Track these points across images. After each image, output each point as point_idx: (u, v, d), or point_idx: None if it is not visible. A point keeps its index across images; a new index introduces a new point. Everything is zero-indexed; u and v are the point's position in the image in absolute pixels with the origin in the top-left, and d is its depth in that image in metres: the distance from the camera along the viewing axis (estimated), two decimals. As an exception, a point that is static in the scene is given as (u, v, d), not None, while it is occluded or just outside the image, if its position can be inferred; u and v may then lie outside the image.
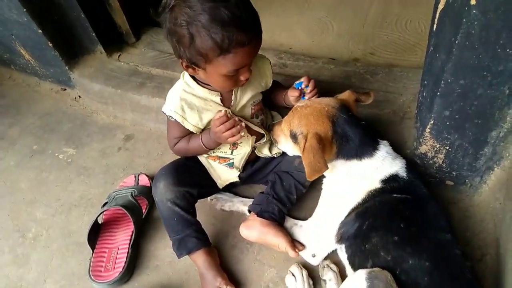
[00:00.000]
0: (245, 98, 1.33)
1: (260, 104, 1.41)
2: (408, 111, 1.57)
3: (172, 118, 1.27)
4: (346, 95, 1.28)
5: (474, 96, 1.09)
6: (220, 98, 1.28)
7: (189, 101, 1.27)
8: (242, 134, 1.23)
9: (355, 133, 1.18)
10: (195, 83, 1.26)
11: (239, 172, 1.45)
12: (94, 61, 2.12)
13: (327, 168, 1.12)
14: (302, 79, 1.33)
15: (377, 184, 1.20)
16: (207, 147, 1.31)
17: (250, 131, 1.36)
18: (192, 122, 1.28)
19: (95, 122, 2.05)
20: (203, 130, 1.33)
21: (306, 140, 1.16)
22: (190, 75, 1.27)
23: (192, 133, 1.33)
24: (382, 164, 1.20)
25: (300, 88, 1.34)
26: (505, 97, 1.06)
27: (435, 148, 1.31)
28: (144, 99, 1.90)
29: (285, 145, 1.34)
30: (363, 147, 1.19)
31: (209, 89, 1.27)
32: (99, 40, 2.07)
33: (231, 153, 1.41)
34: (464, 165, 1.32)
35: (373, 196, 1.19)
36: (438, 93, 1.14)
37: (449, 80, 1.09)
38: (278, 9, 2.49)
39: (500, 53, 0.97)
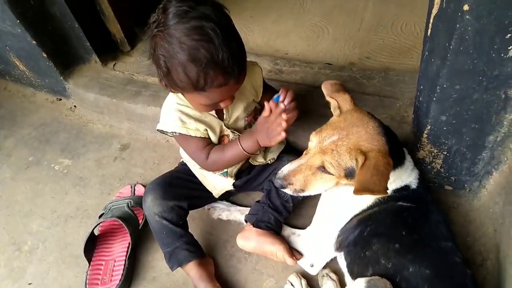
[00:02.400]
0: (238, 110, 1.32)
1: (254, 112, 1.40)
2: (405, 115, 1.56)
3: (176, 133, 1.24)
4: (345, 99, 1.16)
5: (470, 101, 1.08)
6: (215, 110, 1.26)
7: (185, 112, 1.24)
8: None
9: (395, 142, 1.12)
10: None
11: (234, 180, 1.43)
12: (89, 71, 2.11)
13: (386, 193, 0.99)
14: (280, 92, 1.23)
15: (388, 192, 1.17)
16: (250, 152, 1.24)
17: None
18: (194, 128, 1.25)
19: (91, 132, 2.04)
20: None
21: (365, 160, 1.01)
22: None
23: (210, 141, 1.29)
24: (405, 173, 1.18)
25: (278, 102, 1.25)
26: (501, 101, 1.05)
27: (433, 154, 1.30)
28: (140, 107, 1.89)
29: (325, 188, 1.14)
30: (399, 156, 1.15)
31: None
32: (94, 49, 2.05)
33: None
34: (462, 170, 1.31)
35: (380, 203, 1.17)
36: (434, 98, 1.13)
37: (444, 85, 1.08)
38: (273, 14, 2.49)
39: (495, 57, 0.96)
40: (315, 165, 1.09)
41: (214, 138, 1.30)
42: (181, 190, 1.39)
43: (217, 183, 1.45)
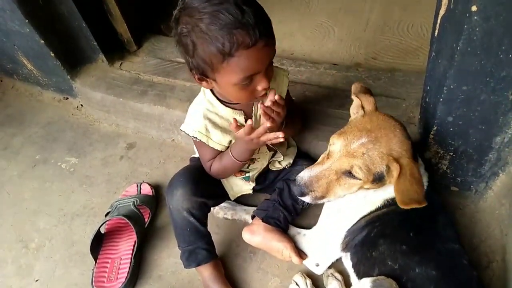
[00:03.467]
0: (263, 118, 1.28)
1: None
2: (411, 116, 1.55)
3: (196, 139, 1.22)
4: (370, 101, 1.14)
5: (477, 102, 1.08)
6: (244, 117, 1.22)
7: (213, 120, 1.21)
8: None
9: (414, 146, 1.09)
10: (218, 101, 1.20)
11: (254, 185, 1.43)
12: (96, 70, 2.12)
13: (425, 202, 0.97)
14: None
15: None
16: (241, 160, 1.22)
17: (268, 147, 1.32)
18: (216, 140, 1.23)
19: (98, 131, 2.05)
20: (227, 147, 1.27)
21: (400, 168, 0.99)
22: (212, 93, 1.21)
23: (220, 152, 1.27)
24: None
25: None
26: (508, 102, 1.05)
27: (439, 154, 1.30)
28: (146, 107, 1.90)
29: (346, 193, 1.11)
30: (415, 158, 1.11)
31: (232, 108, 1.21)
32: (101, 48, 2.07)
33: (248, 167, 1.38)
34: (468, 171, 1.30)
35: (388, 205, 1.15)
36: (441, 99, 1.13)
37: (451, 86, 1.08)
38: (279, 15, 2.49)
39: (503, 58, 0.96)
40: (342, 170, 1.04)
41: None
42: (209, 187, 1.34)
43: (237, 186, 1.44)
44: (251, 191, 1.44)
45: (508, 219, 1.21)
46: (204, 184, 1.30)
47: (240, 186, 1.44)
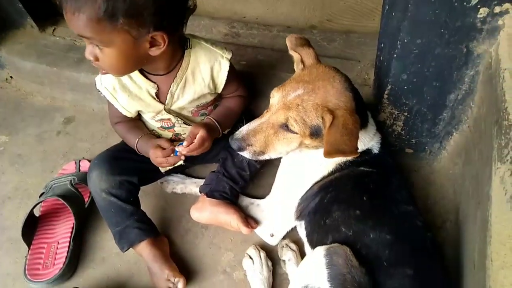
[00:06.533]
0: (184, 100, 1.20)
1: (206, 105, 1.29)
2: (366, 78, 1.50)
3: (101, 93, 1.18)
4: (309, 53, 1.09)
5: (431, 56, 1.02)
6: (156, 92, 1.17)
7: (123, 82, 1.16)
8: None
9: (361, 101, 1.05)
10: None
11: None
12: (24, 37, 1.89)
13: (357, 153, 0.94)
14: (184, 142, 1.13)
15: (349, 157, 1.10)
16: (139, 152, 1.24)
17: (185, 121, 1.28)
18: (122, 104, 1.19)
19: (31, 105, 1.85)
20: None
21: (333, 119, 0.94)
22: None
23: (130, 117, 1.24)
24: (368, 136, 1.11)
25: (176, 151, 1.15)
26: (462, 56, 1.00)
27: (394, 115, 1.25)
28: (84, 76, 1.72)
29: (287, 150, 1.08)
30: (363, 117, 1.06)
31: (146, 78, 1.15)
32: (29, 12, 1.83)
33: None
34: (423, 132, 1.27)
35: (341, 169, 1.11)
36: (395, 55, 1.06)
37: (405, 40, 1.01)
38: (230, -24, 2.32)
39: (457, 7, 0.90)
40: (278, 123, 1.01)
41: (148, 115, 1.25)
42: (130, 163, 1.27)
43: None
44: (182, 162, 1.32)
45: (461, 178, 1.19)
46: (124, 161, 1.26)
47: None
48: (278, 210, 1.25)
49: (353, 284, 0.89)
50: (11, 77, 1.94)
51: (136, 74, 1.14)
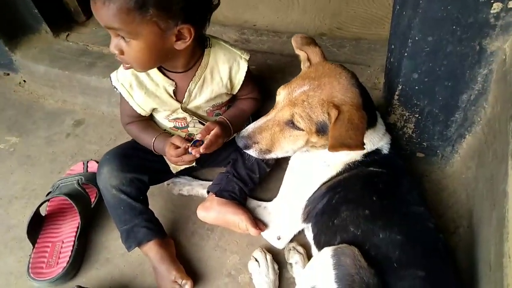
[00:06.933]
0: (200, 99, 1.21)
1: (221, 105, 1.29)
2: (376, 82, 1.48)
3: (116, 90, 1.17)
4: (315, 51, 1.08)
5: (443, 55, 1.01)
6: (174, 90, 1.16)
7: (140, 79, 1.15)
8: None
9: (369, 99, 1.04)
10: None
11: None
12: (38, 42, 1.93)
13: (363, 148, 0.93)
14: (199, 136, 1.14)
15: (358, 157, 1.08)
16: (156, 151, 1.22)
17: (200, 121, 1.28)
18: (137, 101, 1.17)
19: (42, 108, 1.87)
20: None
21: (338, 114, 0.93)
22: None
23: (142, 117, 1.23)
24: (377, 136, 1.09)
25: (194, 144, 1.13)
26: (475, 54, 0.99)
27: (404, 117, 1.22)
28: (95, 80, 1.74)
29: (293, 148, 1.06)
30: (371, 115, 1.05)
31: (164, 75, 1.15)
32: (44, 18, 1.88)
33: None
34: (434, 134, 1.24)
35: (350, 169, 1.08)
36: (406, 54, 1.05)
37: (416, 38, 1.00)
38: (241, -14, 2.36)
39: (469, 2, 0.89)
40: (284, 120, 1.00)
41: (163, 114, 1.24)
42: (141, 162, 1.26)
43: None
44: (194, 164, 1.31)
45: (474, 182, 1.16)
46: (135, 159, 1.24)
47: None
48: (286, 213, 1.22)
49: (361, 286, 0.86)
50: (24, 81, 1.97)
51: (154, 71, 1.14)
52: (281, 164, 1.38)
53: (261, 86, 1.54)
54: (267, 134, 1.03)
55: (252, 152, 1.05)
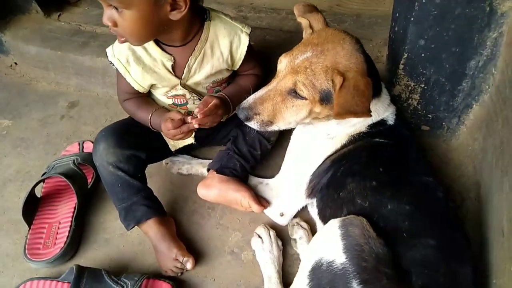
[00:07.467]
0: (200, 75, 1.17)
1: (221, 82, 1.25)
2: (379, 55, 1.45)
3: (113, 65, 1.13)
4: (317, 18, 1.04)
5: (451, 18, 0.97)
6: (172, 65, 1.13)
7: (138, 54, 1.11)
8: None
9: (373, 66, 0.99)
10: None
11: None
12: (29, 22, 1.87)
13: (370, 114, 0.89)
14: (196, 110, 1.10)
15: (363, 128, 1.04)
16: (153, 127, 1.19)
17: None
18: (134, 77, 1.13)
19: (35, 90, 1.82)
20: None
21: (343, 80, 0.89)
22: None
23: (140, 93, 1.19)
24: (382, 106, 1.05)
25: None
26: (485, 16, 0.95)
27: (410, 88, 1.19)
28: (88, 59, 1.69)
29: (296, 119, 1.01)
30: (376, 84, 1.00)
31: (163, 50, 1.11)
32: (34, -3, 1.82)
33: None
34: (440, 105, 1.21)
35: (354, 141, 1.05)
36: (412, 19, 1.01)
37: (424, 0, 0.96)
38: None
39: (481, -42, 0.85)
40: (286, 89, 0.95)
41: (161, 91, 1.20)
42: (139, 139, 1.22)
43: None
44: (193, 141, 1.28)
45: (481, 153, 1.13)
46: (132, 136, 1.20)
47: None
48: (289, 188, 1.19)
49: (371, 255, 0.83)
50: (15, 63, 1.91)
51: (151, 45, 1.10)
52: (282, 141, 1.34)
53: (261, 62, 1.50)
54: (268, 104, 0.98)
55: (253, 124, 1.01)
